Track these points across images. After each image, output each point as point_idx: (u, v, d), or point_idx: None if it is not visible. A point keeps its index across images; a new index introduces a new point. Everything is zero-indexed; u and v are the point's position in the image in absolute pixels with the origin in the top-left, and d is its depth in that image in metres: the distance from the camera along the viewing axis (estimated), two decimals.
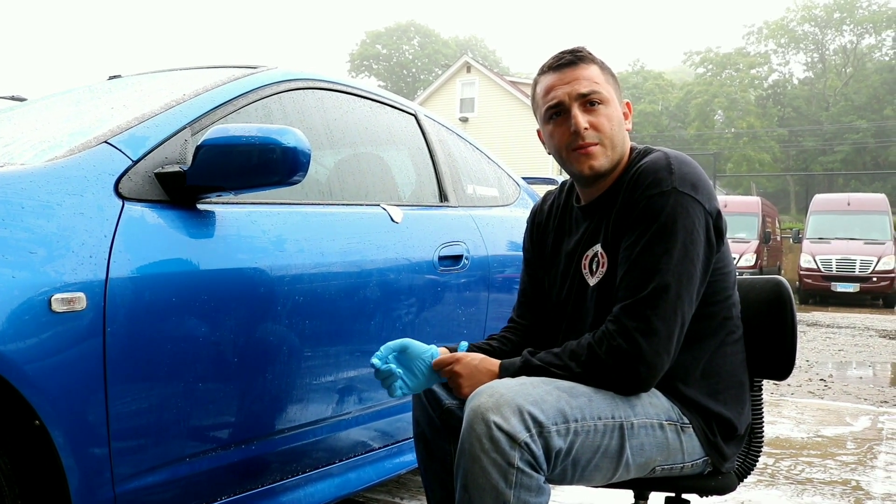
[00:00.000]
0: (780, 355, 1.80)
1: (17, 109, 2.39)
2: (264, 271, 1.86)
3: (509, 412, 1.41)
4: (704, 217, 1.55)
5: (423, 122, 2.86)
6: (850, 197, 16.81)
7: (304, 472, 2.04)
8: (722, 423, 1.65)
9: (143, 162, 1.70)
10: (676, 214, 1.52)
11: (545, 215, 1.89)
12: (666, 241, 1.51)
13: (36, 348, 1.38)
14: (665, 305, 1.50)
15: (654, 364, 1.50)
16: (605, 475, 1.56)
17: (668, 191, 1.53)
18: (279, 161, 1.67)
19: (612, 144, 1.64)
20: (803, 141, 41.90)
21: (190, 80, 2.12)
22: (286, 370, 1.92)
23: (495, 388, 1.46)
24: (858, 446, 3.80)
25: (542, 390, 1.48)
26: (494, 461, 1.39)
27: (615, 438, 1.52)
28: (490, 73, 28.45)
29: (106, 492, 1.53)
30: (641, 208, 1.55)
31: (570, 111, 1.63)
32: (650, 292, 1.50)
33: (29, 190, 1.47)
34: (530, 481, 1.41)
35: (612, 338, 1.51)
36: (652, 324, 1.49)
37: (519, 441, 1.40)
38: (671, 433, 1.60)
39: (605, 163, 1.64)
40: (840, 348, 8.08)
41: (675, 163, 1.57)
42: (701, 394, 1.63)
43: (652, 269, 1.51)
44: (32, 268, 1.39)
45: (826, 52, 46.78)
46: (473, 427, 1.42)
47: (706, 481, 1.71)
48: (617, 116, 1.65)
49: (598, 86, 1.63)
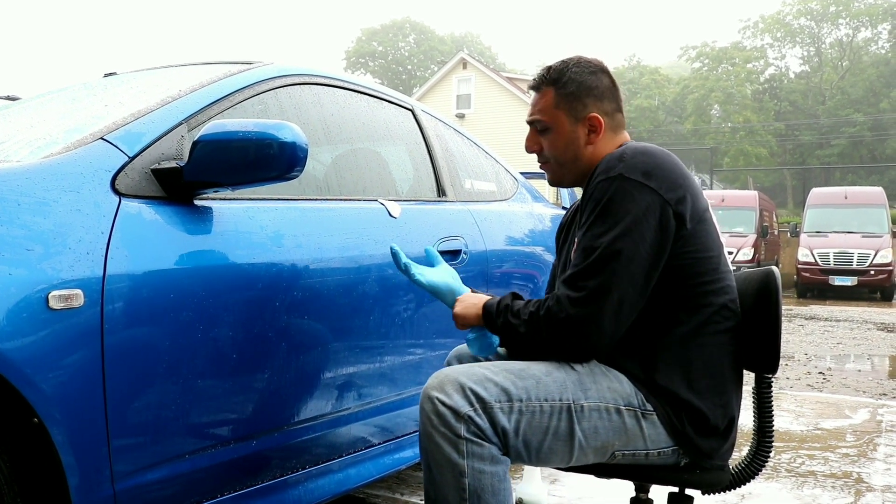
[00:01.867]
0: (765, 346, 1.73)
1: (12, 107, 2.38)
2: (262, 267, 1.85)
3: (451, 389, 1.53)
4: (659, 203, 1.59)
5: (421, 116, 2.85)
6: (848, 190, 16.82)
7: (303, 469, 2.03)
8: (692, 412, 1.62)
9: (139, 158, 1.69)
10: (618, 197, 1.59)
11: (568, 217, 2.01)
12: (605, 221, 1.59)
13: (34, 346, 1.37)
14: (599, 279, 1.56)
15: (586, 332, 1.57)
16: (562, 457, 1.61)
17: (614, 177, 1.61)
18: (276, 156, 1.67)
19: (561, 163, 1.80)
20: (800, 135, 41.90)
21: (186, 77, 2.11)
22: (285, 366, 1.92)
23: (442, 371, 1.60)
24: (858, 439, 3.80)
25: (488, 371, 1.58)
26: (444, 435, 1.51)
27: (563, 420, 1.58)
28: (486, 69, 28.44)
29: (105, 489, 1.52)
30: (589, 195, 1.66)
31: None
32: (584, 266, 1.58)
33: (25, 187, 1.47)
34: (481, 451, 1.51)
35: (551, 300, 1.59)
36: (584, 294, 1.56)
37: (462, 414, 1.51)
38: (629, 418, 1.62)
39: (557, 177, 1.85)
40: (838, 341, 8.09)
41: (629, 153, 1.64)
42: (672, 381, 1.62)
43: (589, 246, 1.59)
44: (29, 265, 1.39)
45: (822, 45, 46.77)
46: (423, 407, 1.56)
47: (685, 473, 1.69)
48: (563, 139, 1.77)
49: (542, 113, 1.78)
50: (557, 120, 1.76)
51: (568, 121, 1.76)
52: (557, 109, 1.76)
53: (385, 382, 2.29)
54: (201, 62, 2.42)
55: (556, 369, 1.62)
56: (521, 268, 2.98)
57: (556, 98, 1.75)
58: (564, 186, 1.88)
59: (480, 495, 1.51)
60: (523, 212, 3.19)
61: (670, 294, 1.63)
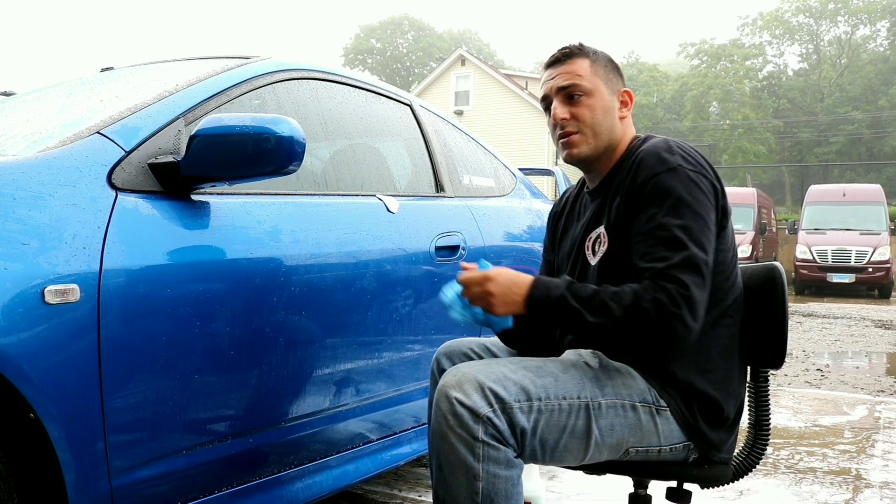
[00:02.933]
0: (772, 341, 1.76)
1: (8, 102, 2.37)
2: (260, 262, 1.84)
3: (471, 388, 1.48)
4: (714, 194, 1.61)
5: (419, 112, 2.84)
6: (846, 188, 16.83)
7: (301, 465, 2.03)
8: (706, 403, 1.63)
9: (136, 152, 1.68)
10: (688, 188, 1.56)
11: (562, 205, 1.98)
12: (682, 214, 1.54)
13: (30, 341, 1.36)
14: (694, 272, 1.51)
15: (689, 325, 1.49)
16: (577, 456, 1.58)
17: (674, 167, 1.58)
18: (274, 150, 1.66)
19: (595, 132, 1.72)
20: (798, 132, 41.91)
21: (183, 71, 2.10)
22: (282, 362, 1.91)
23: (459, 368, 1.54)
24: (856, 435, 3.80)
25: (506, 369, 1.54)
26: (460, 436, 1.46)
27: (581, 418, 1.55)
28: (485, 65, 28.41)
29: (102, 485, 1.51)
30: (651, 187, 1.59)
31: (552, 103, 1.74)
32: (681, 261, 1.50)
33: (21, 181, 1.46)
34: (497, 454, 1.47)
35: (656, 291, 1.49)
36: (689, 288, 1.49)
37: (481, 415, 1.46)
38: (644, 415, 1.61)
39: (585, 150, 1.73)
40: (836, 338, 8.09)
41: (674, 144, 1.65)
42: (687, 370, 1.63)
43: (676, 241, 1.52)
44: (25, 259, 1.38)
45: (821, 43, 46.77)
46: (439, 405, 1.50)
47: (693, 469, 1.69)
48: (602, 106, 1.72)
49: (581, 78, 1.71)
50: (596, 86, 1.72)
51: (606, 89, 1.73)
52: (595, 77, 1.73)
53: (383, 378, 2.28)
54: (199, 57, 2.41)
55: (573, 366, 1.61)
56: (520, 263, 2.98)
57: (593, 67, 1.73)
58: (588, 161, 1.75)
59: (493, 500, 1.47)
60: (521, 208, 3.18)
61: None
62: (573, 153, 1.73)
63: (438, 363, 1.88)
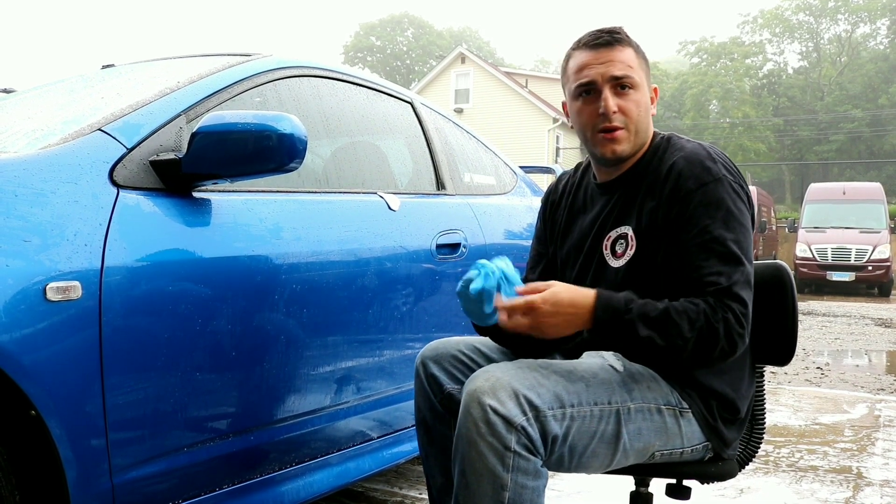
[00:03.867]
0: (782, 340, 1.78)
1: (10, 99, 2.37)
2: (261, 259, 1.84)
3: (505, 396, 1.42)
4: (748, 203, 1.62)
5: (420, 110, 2.84)
6: (846, 186, 16.82)
7: (302, 462, 2.03)
8: (723, 403, 1.64)
9: (137, 149, 1.68)
10: (734, 201, 1.56)
11: (559, 194, 1.91)
12: (733, 228, 1.55)
13: (31, 338, 1.36)
14: (749, 288, 1.54)
15: (746, 342, 1.53)
16: (603, 461, 1.56)
17: (721, 178, 1.57)
18: (275, 148, 1.66)
19: (637, 130, 1.65)
20: (798, 130, 41.90)
21: (184, 68, 2.10)
22: (284, 359, 1.91)
23: (492, 372, 1.47)
24: (856, 433, 3.80)
25: (539, 374, 1.49)
26: (491, 445, 1.40)
27: (611, 424, 1.53)
28: (485, 63, 28.42)
29: (103, 482, 1.51)
30: (700, 197, 1.56)
31: (601, 92, 1.63)
32: (740, 278, 1.51)
33: (22, 178, 1.45)
34: (527, 465, 1.42)
35: (724, 311, 1.48)
36: (748, 306, 1.51)
37: (515, 424, 1.41)
38: (669, 417, 1.60)
39: (627, 148, 1.66)
40: (836, 337, 8.10)
41: (713, 151, 1.64)
42: (706, 371, 1.62)
43: (733, 256, 1.52)
44: (27, 256, 1.38)
45: (821, 41, 46.74)
46: (470, 411, 1.43)
47: (706, 467, 1.70)
48: (645, 102, 1.67)
49: (632, 70, 1.64)
50: (642, 81, 1.66)
51: (646, 83, 1.68)
52: (641, 70, 1.66)
53: (384, 376, 2.28)
54: (200, 54, 2.41)
55: (601, 370, 1.58)
56: (521, 261, 2.97)
57: (638, 59, 1.66)
58: (623, 159, 1.67)
59: None
60: (523, 205, 3.18)
61: None
62: (617, 150, 1.65)
63: (425, 366, 1.79)
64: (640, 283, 1.60)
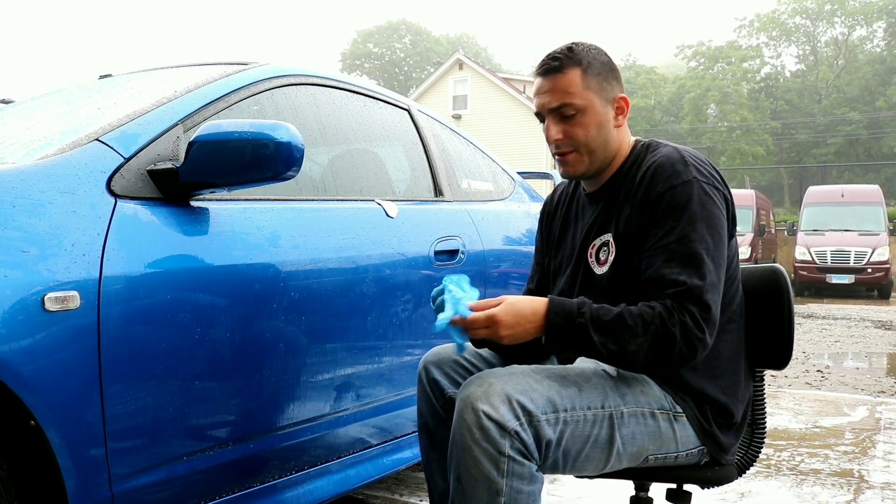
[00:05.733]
0: (778, 344, 1.79)
1: (7, 110, 2.37)
2: (259, 268, 1.84)
3: (498, 401, 1.44)
4: (726, 206, 1.61)
5: (417, 116, 2.85)
6: (844, 188, 16.85)
7: (302, 470, 2.03)
8: (717, 408, 1.65)
9: (135, 159, 1.68)
10: (703, 202, 1.56)
11: (554, 204, 1.94)
12: (699, 229, 1.54)
13: (30, 348, 1.37)
14: (714, 291, 1.52)
15: (707, 345, 1.51)
16: (597, 465, 1.57)
17: (689, 180, 1.57)
18: (272, 156, 1.66)
19: (590, 150, 1.67)
20: (796, 134, 41.94)
21: (181, 78, 2.10)
22: (283, 367, 1.91)
23: (485, 378, 1.49)
24: (856, 436, 3.80)
25: (532, 379, 1.51)
26: (485, 450, 1.42)
27: (605, 428, 1.54)
28: (482, 69, 28.46)
29: (103, 492, 1.51)
30: (667, 200, 1.57)
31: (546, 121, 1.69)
32: (702, 281, 1.50)
33: (20, 188, 1.46)
34: (522, 469, 1.44)
35: (682, 314, 1.48)
36: (711, 309, 1.50)
37: (508, 430, 1.42)
38: (663, 422, 1.60)
39: (581, 168, 1.69)
40: (836, 339, 8.09)
41: (687, 155, 1.63)
42: (699, 376, 1.63)
43: (695, 258, 1.52)
44: (25, 267, 1.38)
45: (818, 44, 46.81)
46: (463, 417, 1.45)
47: (703, 471, 1.70)
48: (596, 122, 1.66)
49: (572, 95, 1.64)
50: (590, 101, 1.64)
51: (599, 102, 1.65)
52: (588, 90, 1.64)
53: (383, 383, 2.28)
54: (197, 63, 2.42)
55: (594, 375, 1.59)
56: (519, 267, 2.98)
57: (585, 79, 1.64)
58: (585, 177, 1.73)
59: None
60: (521, 211, 3.19)
61: None
62: (569, 172, 1.71)
63: (427, 371, 1.81)
64: (624, 288, 1.61)
